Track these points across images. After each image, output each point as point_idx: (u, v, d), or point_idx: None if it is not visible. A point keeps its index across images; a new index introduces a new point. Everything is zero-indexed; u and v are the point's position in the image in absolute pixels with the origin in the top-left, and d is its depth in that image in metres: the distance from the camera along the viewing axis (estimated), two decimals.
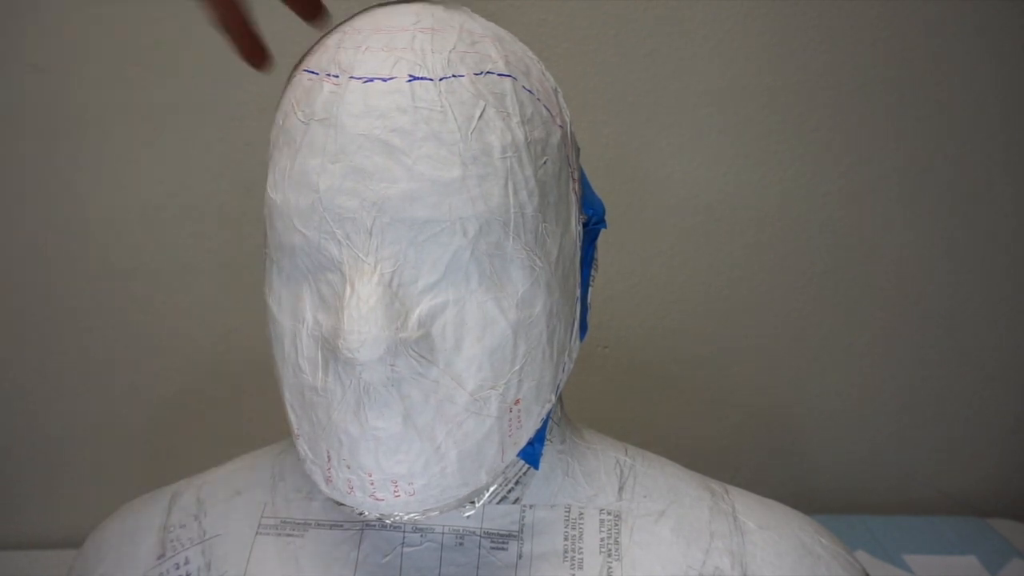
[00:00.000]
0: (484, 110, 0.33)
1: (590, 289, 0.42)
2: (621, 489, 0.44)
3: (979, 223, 1.02)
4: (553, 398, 0.38)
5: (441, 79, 0.32)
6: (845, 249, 1.02)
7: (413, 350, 0.32)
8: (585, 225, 0.40)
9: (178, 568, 0.44)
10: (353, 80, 0.33)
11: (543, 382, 0.36)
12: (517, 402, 0.35)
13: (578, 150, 0.41)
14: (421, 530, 0.41)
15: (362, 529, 0.42)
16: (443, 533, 0.41)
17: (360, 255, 0.32)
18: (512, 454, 0.37)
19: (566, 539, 0.42)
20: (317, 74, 0.34)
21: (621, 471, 0.45)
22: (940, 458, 1.10)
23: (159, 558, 0.44)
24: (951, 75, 0.97)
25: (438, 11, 0.36)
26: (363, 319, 0.31)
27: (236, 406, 0.96)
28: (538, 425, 0.38)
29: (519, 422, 0.36)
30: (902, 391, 1.07)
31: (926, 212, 1.01)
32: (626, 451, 0.46)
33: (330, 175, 0.32)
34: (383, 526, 0.42)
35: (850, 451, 1.09)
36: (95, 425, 0.97)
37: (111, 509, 0.49)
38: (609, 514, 0.43)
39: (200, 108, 0.89)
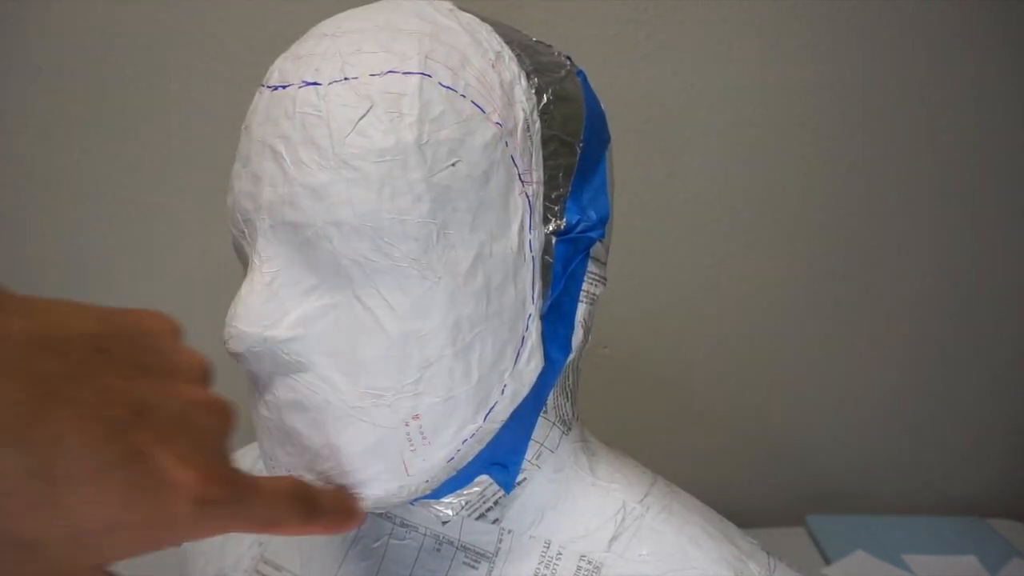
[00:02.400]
0: (368, 111, 0.32)
1: (584, 306, 0.38)
2: (614, 539, 0.40)
3: (979, 223, 1.02)
4: (481, 420, 0.35)
5: (330, 83, 0.33)
6: (846, 250, 1.02)
7: (283, 350, 0.33)
8: (561, 233, 0.36)
9: None
10: (265, 89, 0.35)
11: (455, 401, 0.34)
12: (416, 417, 0.34)
13: (571, 151, 0.37)
14: (407, 525, 0.41)
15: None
16: (424, 535, 0.41)
17: (252, 255, 0.34)
18: (425, 469, 0.35)
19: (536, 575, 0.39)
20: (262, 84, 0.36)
21: (622, 519, 0.40)
22: (940, 458, 1.10)
23: None
24: (953, 75, 0.97)
25: (385, 11, 0.35)
26: (235, 315, 0.33)
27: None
28: (456, 445, 0.35)
29: (424, 439, 0.34)
30: (902, 392, 1.07)
31: (927, 213, 1.01)
32: (644, 496, 0.41)
33: (240, 179, 0.35)
34: (379, 512, 0.42)
35: (850, 452, 1.09)
36: None
37: None
38: (590, 563, 0.39)
39: (201, 108, 0.88)
